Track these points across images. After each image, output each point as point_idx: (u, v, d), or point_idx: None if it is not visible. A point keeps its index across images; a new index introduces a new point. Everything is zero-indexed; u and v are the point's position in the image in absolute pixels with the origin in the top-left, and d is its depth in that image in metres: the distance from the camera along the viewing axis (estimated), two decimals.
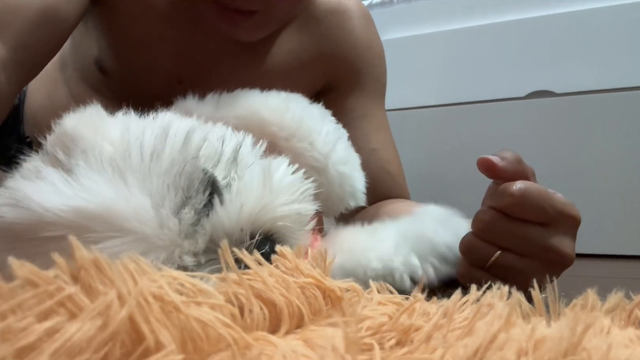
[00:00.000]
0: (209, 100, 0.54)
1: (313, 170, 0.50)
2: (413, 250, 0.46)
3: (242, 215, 0.35)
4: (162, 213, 0.32)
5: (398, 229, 0.50)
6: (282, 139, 0.50)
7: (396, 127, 0.83)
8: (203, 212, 0.34)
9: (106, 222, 0.31)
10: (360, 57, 0.74)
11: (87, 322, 0.18)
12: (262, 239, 0.35)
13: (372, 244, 0.49)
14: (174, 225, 0.32)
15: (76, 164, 0.33)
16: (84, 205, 0.31)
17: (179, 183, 0.34)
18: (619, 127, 1.12)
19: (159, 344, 0.19)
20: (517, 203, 0.41)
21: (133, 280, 0.20)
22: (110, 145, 0.34)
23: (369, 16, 0.77)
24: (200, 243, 0.34)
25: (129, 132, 0.35)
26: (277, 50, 0.70)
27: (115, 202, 0.31)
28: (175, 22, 0.65)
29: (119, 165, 0.33)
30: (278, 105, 0.53)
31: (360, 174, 0.55)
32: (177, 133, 0.36)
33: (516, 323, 0.24)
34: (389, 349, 0.24)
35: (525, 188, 0.41)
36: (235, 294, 0.24)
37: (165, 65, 0.67)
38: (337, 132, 0.54)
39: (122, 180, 0.32)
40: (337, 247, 0.50)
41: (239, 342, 0.21)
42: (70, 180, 0.32)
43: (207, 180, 0.36)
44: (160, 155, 0.34)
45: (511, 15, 1.21)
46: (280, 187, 0.37)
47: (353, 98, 0.74)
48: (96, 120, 0.38)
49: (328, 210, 0.55)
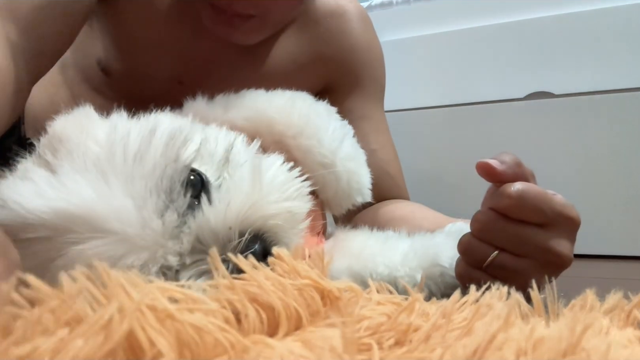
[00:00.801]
0: (218, 102, 0.54)
1: (321, 167, 0.51)
2: (421, 267, 0.47)
3: (229, 214, 0.34)
4: (144, 214, 0.32)
5: (412, 243, 0.50)
6: (290, 137, 0.50)
7: (395, 128, 0.83)
8: (188, 212, 0.34)
9: (87, 223, 0.30)
10: (359, 59, 0.75)
11: (90, 336, 0.18)
12: (252, 238, 0.34)
13: (382, 250, 0.50)
14: (157, 226, 0.32)
15: (60, 165, 0.33)
16: (64, 207, 0.31)
17: (160, 186, 0.33)
18: (618, 128, 1.12)
19: (157, 352, 0.19)
20: (514, 204, 0.41)
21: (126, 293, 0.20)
22: (96, 146, 0.34)
23: (367, 18, 0.77)
24: (185, 243, 0.33)
25: (116, 132, 0.35)
26: (275, 52, 0.70)
27: (96, 203, 0.31)
28: (178, 24, 0.65)
29: (102, 166, 0.33)
30: (284, 104, 0.53)
31: (366, 170, 0.56)
32: (162, 134, 0.36)
33: (515, 323, 0.24)
34: (387, 348, 0.24)
35: (523, 189, 0.41)
36: (228, 300, 0.24)
37: (166, 67, 0.68)
38: (344, 129, 0.55)
39: (104, 182, 0.32)
40: (346, 250, 0.51)
41: (236, 346, 0.21)
42: (54, 181, 0.32)
43: (194, 181, 0.35)
44: (143, 157, 0.34)
45: (510, 17, 1.21)
46: (271, 184, 0.37)
47: (352, 99, 0.74)
48: (84, 121, 0.38)
49: (335, 207, 0.55)
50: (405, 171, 0.79)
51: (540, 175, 0.46)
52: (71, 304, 0.20)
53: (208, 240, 0.33)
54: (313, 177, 0.51)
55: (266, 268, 0.27)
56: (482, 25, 1.23)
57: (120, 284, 0.20)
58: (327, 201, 0.54)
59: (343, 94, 0.74)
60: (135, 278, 0.22)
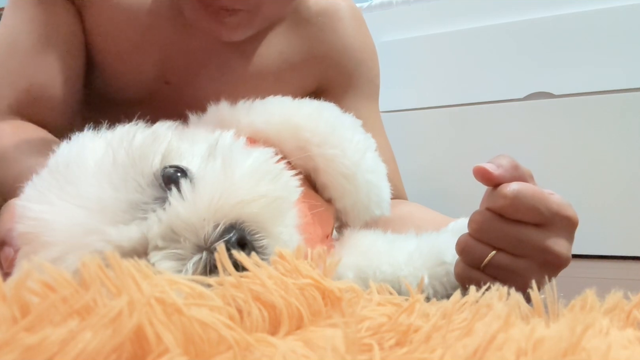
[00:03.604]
0: (241, 107, 0.54)
1: (342, 177, 0.51)
2: (425, 266, 0.48)
3: (199, 204, 0.33)
4: (75, 209, 0.33)
5: (418, 243, 0.51)
6: (315, 144, 0.50)
7: (395, 128, 0.83)
8: (151, 204, 0.34)
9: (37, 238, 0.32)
10: (352, 58, 0.74)
11: (99, 329, 0.18)
12: (228, 228, 0.33)
13: (388, 250, 0.50)
14: (86, 213, 0.33)
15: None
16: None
17: (124, 188, 0.34)
18: (617, 128, 1.12)
19: (164, 347, 0.19)
20: (510, 204, 0.41)
21: (136, 285, 0.20)
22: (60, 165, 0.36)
23: (360, 17, 0.76)
24: (155, 229, 0.33)
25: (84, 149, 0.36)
26: (265, 51, 0.69)
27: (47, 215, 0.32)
28: (160, 22, 0.64)
29: (58, 178, 0.34)
30: (312, 112, 0.53)
31: (387, 184, 0.56)
32: (130, 141, 0.36)
33: (515, 324, 0.24)
34: (388, 349, 0.24)
35: (518, 189, 0.41)
36: (232, 296, 0.24)
37: (151, 67, 0.66)
38: (367, 141, 0.55)
39: (56, 194, 0.33)
40: (354, 248, 0.51)
41: (239, 344, 0.21)
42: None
43: (173, 176, 0.35)
44: (109, 166, 0.34)
45: (510, 17, 1.21)
46: (245, 172, 0.36)
47: (346, 100, 0.73)
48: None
49: (353, 218, 0.55)
50: (404, 171, 0.79)
51: (539, 175, 0.46)
52: (83, 294, 0.20)
53: (180, 230, 0.33)
54: (332, 186, 0.51)
55: (269, 267, 0.27)
56: (482, 25, 1.23)
57: (131, 274, 0.20)
58: (345, 211, 0.54)
59: (337, 95, 0.73)
60: (146, 269, 0.22)
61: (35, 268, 0.20)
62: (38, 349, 0.18)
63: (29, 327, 0.19)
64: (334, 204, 0.54)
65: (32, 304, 0.19)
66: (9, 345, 0.18)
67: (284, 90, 0.59)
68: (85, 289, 0.20)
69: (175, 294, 0.21)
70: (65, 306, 0.19)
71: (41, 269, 0.20)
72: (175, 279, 0.23)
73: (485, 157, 0.44)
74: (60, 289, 0.20)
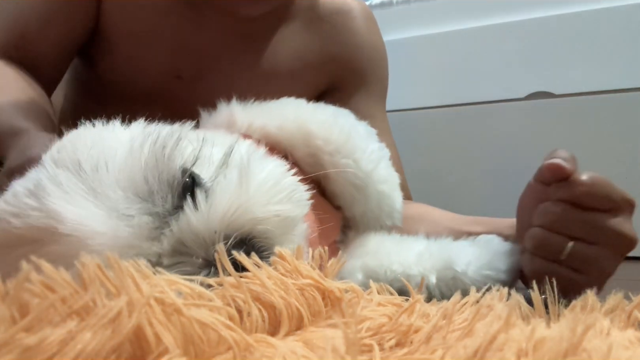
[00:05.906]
0: (254, 107, 0.53)
1: (352, 187, 0.51)
2: (434, 268, 0.48)
3: (213, 216, 0.33)
4: (115, 220, 0.31)
5: (427, 244, 0.51)
6: (327, 153, 0.50)
7: (396, 128, 0.82)
8: (174, 215, 0.33)
9: (51, 232, 0.30)
10: (365, 57, 0.74)
11: (99, 329, 0.18)
12: (238, 242, 0.33)
13: (396, 250, 0.50)
14: (124, 231, 0.31)
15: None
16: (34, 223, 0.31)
17: (140, 191, 0.33)
18: (618, 128, 1.12)
19: (163, 348, 0.19)
20: (588, 191, 0.42)
21: (136, 285, 0.20)
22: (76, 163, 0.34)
23: (372, 17, 0.77)
24: (165, 244, 0.32)
25: (102, 145, 0.35)
26: (280, 49, 0.69)
27: (61, 212, 0.31)
28: (174, 14, 0.64)
29: (75, 183, 0.33)
30: (326, 119, 0.52)
31: (399, 194, 0.56)
32: (148, 141, 0.35)
33: (516, 324, 0.24)
34: (388, 349, 0.24)
35: (593, 177, 0.43)
36: (232, 297, 0.24)
37: (162, 60, 0.66)
38: (381, 151, 0.55)
39: (92, 202, 0.32)
40: (362, 249, 0.51)
41: (239, 344, 0.21)
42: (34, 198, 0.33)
43: (187, 184, 0.35)
44: (123, 166, 0.33)
45: (511, 17, 1.21)
46: (259, 187, 0.35)
47: (357, 99, 0.74)
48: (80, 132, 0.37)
49: (362, 227, 0.55)
50: (406, 170, 0.79)
51: None
52: (82, 294, 0.20)
53: (190, 243, 0.32)
54: (342, 195, 0.51)
55: (269, 268, 0.27)
56: (483, 25, 1.23)
57: (131, 274, 0.20)
58: (354, 220, 0.54)
59: (349, 93, 0.74)
60: (145, 269, 0.22)
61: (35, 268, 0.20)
62: (37, 349, 0.17)
63: (28, 328, 0.18)
64: (343, 212, 0.53)
65: (31, 304, 0.19)
66: (8, 345, 0.17)
67: (297, 88, 0.58)
68: (85, 289, 0.20)
69: (175, 294, 0.21)
70: (65, 306, 0.19)
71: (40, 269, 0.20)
72: (174, 279, 0.23)
73: (485, 157, 0.44)
74: (59, 289, 0.20)
